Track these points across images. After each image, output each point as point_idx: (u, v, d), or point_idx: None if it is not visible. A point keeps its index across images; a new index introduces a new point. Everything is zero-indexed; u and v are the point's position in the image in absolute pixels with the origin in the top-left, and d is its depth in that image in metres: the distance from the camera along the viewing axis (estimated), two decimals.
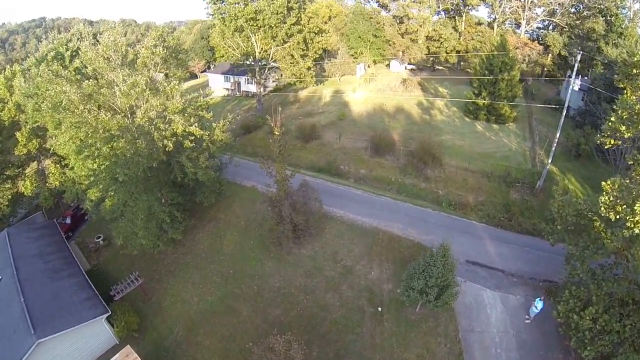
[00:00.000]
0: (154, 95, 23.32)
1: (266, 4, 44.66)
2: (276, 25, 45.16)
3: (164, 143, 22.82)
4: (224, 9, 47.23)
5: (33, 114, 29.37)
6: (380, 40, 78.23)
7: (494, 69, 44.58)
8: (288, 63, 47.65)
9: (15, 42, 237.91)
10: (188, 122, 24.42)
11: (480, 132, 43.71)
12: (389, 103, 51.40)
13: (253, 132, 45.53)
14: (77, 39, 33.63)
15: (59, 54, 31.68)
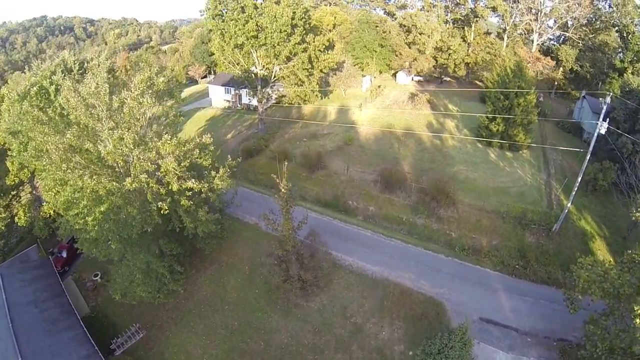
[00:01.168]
0: (144, 151, 21.75)
1: (269, 20, 42.98)
2: (279, 44, 43.39)
3: (159, 205, 21.52)
4: (223, 25, 45.62)
5: (19, 154, 27.97)
6: (387, 50, 76.66)
7: (509, 95, 43.28)
8: (292, 83, 45.93)
9: (15, 41, 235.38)
10: (184, 176, 22.87)
11: (493, 161, 42.56)
12: (397, 123, 50.11)
13: (255, 156, 44.13)
14: (61, 71, 31.31)
15: (42, 88, 29.81)
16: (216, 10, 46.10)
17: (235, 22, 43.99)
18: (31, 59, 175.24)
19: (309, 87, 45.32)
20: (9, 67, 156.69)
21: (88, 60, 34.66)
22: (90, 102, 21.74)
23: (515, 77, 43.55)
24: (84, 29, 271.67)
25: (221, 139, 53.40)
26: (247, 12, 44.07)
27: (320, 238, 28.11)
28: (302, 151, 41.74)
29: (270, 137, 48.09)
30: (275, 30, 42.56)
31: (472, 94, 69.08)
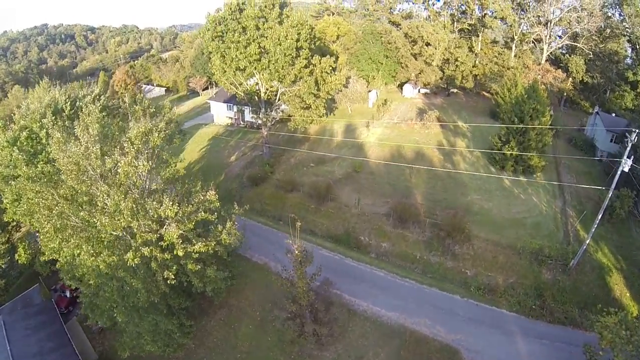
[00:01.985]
0: (144, 218, 20.81)
1: (272, 43, 41.80)
2: (284, 68, 42.37)
3: (165, 275, 20.71)
4: (223, 47, 44.26)
5: (12, 204, 27.02)
6: (392, 61, 75.76)
7: (524, 117, 42.28)
8: (297, 107, 44.75)
9: (17, 50, 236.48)
10: (189, 237, 21.93)
11: (508, 188, 41.68)
12: (406, 145, 49.31)
13: (261, 184, 43.34)
14: (52, 112, 29.12)
15: (33, 132, 28.67)
16: (215, 32, 44.64)
17: (236, 45, 42.82)
18: (32, 68, 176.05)
19: (315, 112, 44.34)
20: (9, 79, 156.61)
21: (80, 98, 33.33)
22: (81, 165, 20.75)
23: (530, 98, 42.49)
24: (84, 36, 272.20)
25: (224, 161, 52.81)
26: (249, 34, 42.74)
27: (334, 286, 27.33)
28: (310, 182, 40.95)
29: (276, 162, 47.32)
30: (280, 53, 41.47)
31: (480, 108, 68.22)
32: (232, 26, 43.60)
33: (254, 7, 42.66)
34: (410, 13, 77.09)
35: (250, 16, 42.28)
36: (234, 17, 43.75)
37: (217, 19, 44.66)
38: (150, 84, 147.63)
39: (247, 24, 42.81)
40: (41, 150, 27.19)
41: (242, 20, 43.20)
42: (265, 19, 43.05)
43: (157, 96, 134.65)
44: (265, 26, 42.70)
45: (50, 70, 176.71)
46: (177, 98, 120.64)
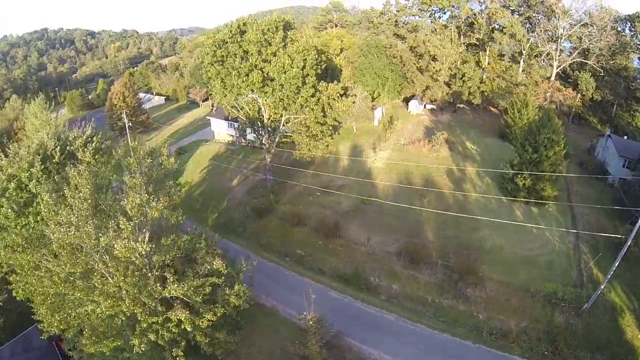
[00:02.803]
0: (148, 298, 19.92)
1: (276, 71, 40.08)
2: (289, 97, 41.18)
3: (174, 353, 19.94)
4: (224, 72, 42.81)
5: (5, 253, 25.69)
6: (397, 75, 75.15)
7: (538, 147, 41.59)
8: (304, 136, 43.54)
9: (16, 55, 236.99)
10: (198, 310, 21.16)
11: (520, 221, 41.00)
12: (416, 171, 48.71)
13: (265, 216, 42.61)
14: (41, 159, 27.45)
15: (21, 182, 26.97)
16: (215, 57, 43.16)
17: (238, 72, 41.54)
18: (31, 75, 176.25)
19: (322, 141, 43.40)
20: (8, 86, 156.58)
21: (71, 141, 31.26)
22: (75, 243, 19.95)
23: (544, 127, 41.81)
24: (84, 41, 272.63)
25: (226, 185, 52.11)
26: (251, 59, 41.17)
27: (345, 332, 26.78)
28: (317, 215, 40.31)
29: (280, 189, 46.62)
30: (285, 82, 40.21)
31: (488, 126, 67.58)
32: (233, 49, 42.07)
33: (257, 32, 41.07)
34: (417, 26, 76.29)
35: (252, 41, 40.88)
36: (234, 40, 42.39)
37: (217, 42, 43.26)
38: (150, 93, 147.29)
39: (249, 49, 41.48)
40: (31, 201, 26.21)
41: (244, 44, 41.78)
42: (268, 43, 41.53)
43: (157, 105, 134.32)
44: (269, 51, 41.18)
45: (49, 77, 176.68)
46: (177, 108, 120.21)
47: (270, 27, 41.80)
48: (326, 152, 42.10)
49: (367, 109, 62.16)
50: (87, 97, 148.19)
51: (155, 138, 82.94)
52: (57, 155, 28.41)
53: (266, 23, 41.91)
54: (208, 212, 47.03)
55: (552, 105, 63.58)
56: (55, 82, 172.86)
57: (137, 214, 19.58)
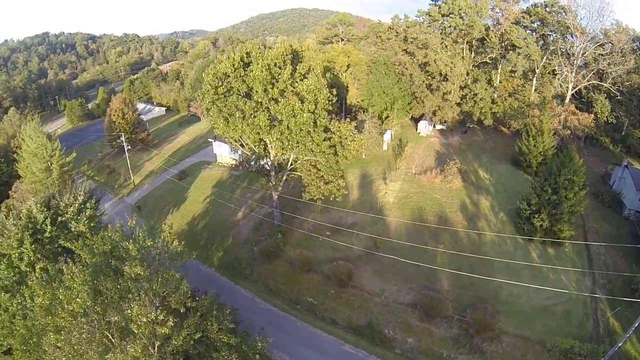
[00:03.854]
0: None
1: (285, 113, 37.26)
2: (298, 143, 38.98)
3: None
4: (227, 111, 39.48)
5: None
6: (406, 93, 74.18)
7: (558, 189, 40.60)
8: (313, 177, 42.05)
9: (17, 60, 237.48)
10: None
11: (536, 265, 40.19)
12: (428, 206, 47.80)
13: (274, 260, 41.74)
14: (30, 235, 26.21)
15: (12, 262, 25.59)
16: (216, 95, 39.56)
17: (242, 113, 38.59)
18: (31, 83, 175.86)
19: (334, 186, 41.80)
20: (7, 95, 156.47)
21: (62, 211, 29.75)
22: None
23: (565, 167, 40.80)
24: (85, 46, 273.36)
25: (231, 219, 51.06)
26: (256, 97, 38.47)
27: None
28: (328, 260, 39.54)
29: (288, 228, 45.64)
30: (295, 127, 37.81)
31: (501, 150, 66.56)
32: (236, 85, 39.25)
33: (262, 68, 38.06)
34: (427, 43, 74.83)
35: (257, 79, 38.01)
36: (237, 75, 39.48)
37: (218, 75, 39.86)
38: (150, 103, 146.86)
39: (254, 86, 38.65)
40: (24, 281, 25.07)
41: (248, 79, 39.02)
42: (275, 80, 38.92)
43: (157, 116, 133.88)
44: (276, 90, 38.43)
45: (49, 85, 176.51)
46: (178, 120, 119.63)
47: (277, 61, 38.86)
48: (338, 195, 40.39)
49: (377, 134, 61.22)
50: (87, 107, 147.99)
51: (155, 157, 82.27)
52: (49, 229, 27.15)
53: (272, 56, 38.82)
54: (213, 249, 46.26)
55: (566, 131, 62.42)
56: (55, 90, 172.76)
57: (144, 331, 18.56)
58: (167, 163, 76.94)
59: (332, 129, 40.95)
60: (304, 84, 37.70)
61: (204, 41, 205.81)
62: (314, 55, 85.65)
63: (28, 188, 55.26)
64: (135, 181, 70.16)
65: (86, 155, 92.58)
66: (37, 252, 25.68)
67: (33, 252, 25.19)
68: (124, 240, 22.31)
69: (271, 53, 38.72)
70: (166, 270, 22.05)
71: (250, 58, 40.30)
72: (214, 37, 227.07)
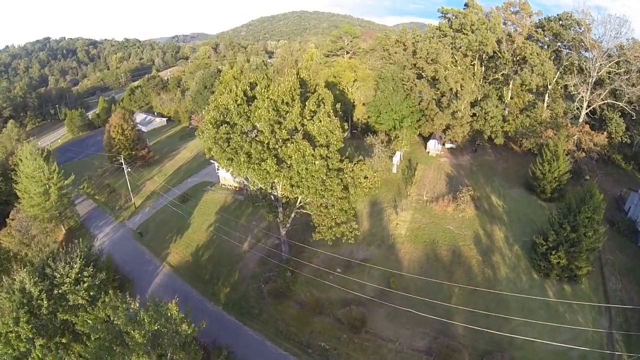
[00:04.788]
0: None
1: (294, 159, 34.97)
2: (309, 187, 36.80)
3: None
4: (230, 152, 37.02)
5: None
6: (415, 110, 72.90)
7: (577, 227, 39.33)
8: (323, 217, 39.26)
9: (18, 66, 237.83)
10: None
11: (552, 304, 39.29)
12: (441, 238, 46.69)
13: (283, 301, 40.60)
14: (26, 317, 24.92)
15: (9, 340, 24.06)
16: (218, 134, 37.02)
17: (247, 157, 35.95)
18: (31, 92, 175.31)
19: (347, 228, 39.50)
20: (7, 104, 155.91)
21: (58, 281, 28.78)
22: None
23: (584, 204, 39.48)
24: (86, 51, 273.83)
25: (237, 251, 49.80)
26: (262, 138, 36.02)
27: None
28: (339, 301, 38.40)
29: (296, 263, 44.43)
30: (306, 175, 35.54)
31: (513, 172, 65.08)
32: (240, 122, 36.69)
33: (268, 107, 35.35)
34: (437, 57, 73.13)
35: (263, 118, 35.58)
36: (241, 111, 36.99)
37: (220, 110, 37.61)
38: (151, 113, 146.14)
39: (260, 125, 36.32)
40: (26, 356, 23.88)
41: (253, 118, 36.68)
42: (283, 117, 36.60)
43: (158, 127, 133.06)
44: (284, 130, 35.78)
45: (49, 93, 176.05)
46: (179, 132, 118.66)
47: (284, 97, 36.60)
48: (350, 237, 38.82)
49: (386, 158, 60.02)
50: (87, 117, 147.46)
51: (156, 176, 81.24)
52: (45, 304, 25.80)
53: (279, 92, 36.35)
54: (219, 284, 45.17)
55: (581, 154, 61.09)
56: (56, 98, 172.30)
57: None
58: (168, 182, 75.95)
59: (344, 169, 38.21)
60: (314, 125, 35.54)
61: (205, 47, 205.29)
62: (319, 69, 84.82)
63: (24, 216, 53.89)
64: (136, 203, 69.11)
65: (86, 171, 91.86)
66: (35, 330, 24.42)
67: (30, 331, 23.93)
68: (129, 324, 20.99)
69: (278, 89, 36.43)
70: (177, 351, 20.82)
71: (255, 91, 38.33)
72: (215, 42, 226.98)
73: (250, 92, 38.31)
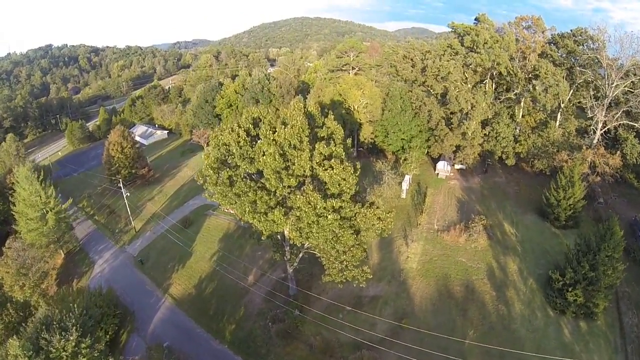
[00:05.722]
0: None
1: (305, 213, 33.05)
2: (320, 238, 34.89)
3: None
4: (233, 198, 35.07)
5: None
6: (423, 129, 71.93)
7: (596, 265, 38.27)
8: (331, 259, 37.25)
9: (20, 74, 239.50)
10: None
11: (568, 342, 38.33)
12: (453, 272, 45.70)
13: (292, 342, 39.54)
14: None
15: None
16: (221, 179, 35.03)
17: (252, 207, 33.92)
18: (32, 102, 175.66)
19: (358, 272, 36.74)
20: (8, 114, 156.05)
21: (53, 355, 27.85)
22: None
23: (604, 242, 38.45)
24: (88, 59, 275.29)
25: (241, 285, 48.67)
26: (268, 185, 33.62)
27: None
28: (352, 346, 37.26)
29: (304, 298, 43.52)
30: (318, 231, 33.59)
31: (525, 197, 63.83)
32: (242, 165, 34.34)
33: (274, 154, 32.65)
34: (448, 75, 71.79)
35: (270, 166, 33.09)
36: (244, 152, 34.45)
37: (221, 151, 35.56)
38: (152, 125, 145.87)
39: (265, 172, 33.74)
40: None
41: (258, 163, 33.98)
42: (292, 162, 33.88)
43: (159, 140, 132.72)
44: (292, 178, 33.33)
45: (50, 103, 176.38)
46: (180, 146, 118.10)
47: (292, 139, 33.47)
48: (362, 281, 37.28)
49: (396, 185, 59.09)
50: (87, 129, 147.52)
51: (157, 196, 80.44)
52: None
53: (286, 135, 33.43)
54: (224, 321, 44.29)
55: (596, 178, 60.00)
56: (57, 108, 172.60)
57: None
58: (169, 204, 75.22)
59: (357, 213, 35.52)
60: (326, 173, 33.32)
61: (206, 55, 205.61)
62: (324, 86, 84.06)
63: (21, 245, 52.84)
64: (137, 227, 68.31)
65: (85, 188, 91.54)
66: None
67: None
68: None
69: (284, 132, 33.50)
70: None
71: (258, 129, 35.89)
72: (217, 49, 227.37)
73: (254, 129, 36.15)
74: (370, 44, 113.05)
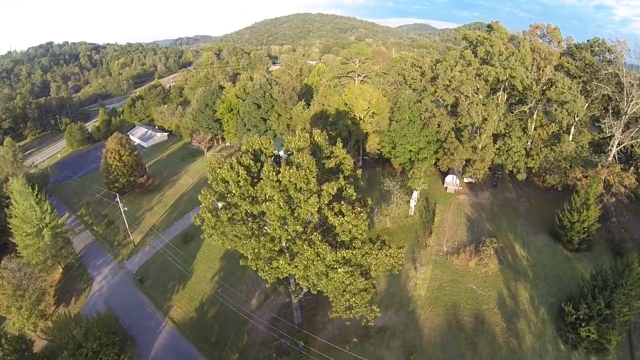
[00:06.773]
0: None
1: (313, 265, 31.54)
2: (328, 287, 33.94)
3: None
4: (234, 241, 33.57)
5: None
6: (432, 140, 70.81)
7: (612, 302, 37.42)
8: (339, 296, 35.01)
9: (20, 72, 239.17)
10: None
11: None
12: (464, 300, 44.98)
13: None
14: None
15: None
16: (219, 222, 33.21)
17: (255, 254, 32.73)
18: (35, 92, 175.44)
19: (367, 312, 34.92)
20: (7, 116, 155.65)
21: None
22: None
23: (622, 277, 37.55)
24: (89, 56, 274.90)
25: (244, 309, 47.81)
26: (271, 231, 32.44)
27: None
28: None
29: (310, 327, 42.86)
30: (328, 284, 32.69)
31: (537, 215, 62.83)
32: (243, 205, 32.15)
33: (278, 201, 30.33)
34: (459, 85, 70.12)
35: (273, 212, 30.67)
36: (244, 192, 31.95)
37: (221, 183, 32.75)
38: (152, 127, 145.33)
39: (268, 217, 31.85)
40: None
41: (259, 206, 31.84)
42: (298, 205, 31.55)
43: (159, 142, 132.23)
44: (298, 225, 31.17)
45: (50, 103, 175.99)
46: (180, 150, 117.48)
47: (297, 179, 30.62)
48: (371, 319, 36.12)
49: (404, 204, 58.25)
50: (87, 130, 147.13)
51: (156, 206, 79.85)
52: None
53: (290, 175, 30.41)
54: (227, 348, 43.71)
55: (611, 199, 58.98)
56: (56, 108, 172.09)
57: None
58: (169, 215, 74.70)
59: (368, 254, 33.97)
60: (337, 220, 31.07)
61: (208, 53, 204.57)
62: (329, 94, 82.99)
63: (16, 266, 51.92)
64: (136, 240, 67.74)
65: (84, 194, 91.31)
66: None
67: None
68: None
69: (289, 174, 30.42)
70: None
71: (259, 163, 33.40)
72: (218, 47, 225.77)
73: (255, 166, 33.22)
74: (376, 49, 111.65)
